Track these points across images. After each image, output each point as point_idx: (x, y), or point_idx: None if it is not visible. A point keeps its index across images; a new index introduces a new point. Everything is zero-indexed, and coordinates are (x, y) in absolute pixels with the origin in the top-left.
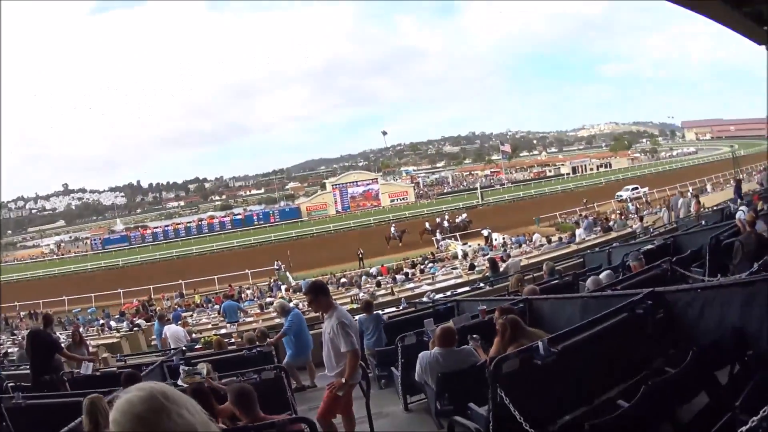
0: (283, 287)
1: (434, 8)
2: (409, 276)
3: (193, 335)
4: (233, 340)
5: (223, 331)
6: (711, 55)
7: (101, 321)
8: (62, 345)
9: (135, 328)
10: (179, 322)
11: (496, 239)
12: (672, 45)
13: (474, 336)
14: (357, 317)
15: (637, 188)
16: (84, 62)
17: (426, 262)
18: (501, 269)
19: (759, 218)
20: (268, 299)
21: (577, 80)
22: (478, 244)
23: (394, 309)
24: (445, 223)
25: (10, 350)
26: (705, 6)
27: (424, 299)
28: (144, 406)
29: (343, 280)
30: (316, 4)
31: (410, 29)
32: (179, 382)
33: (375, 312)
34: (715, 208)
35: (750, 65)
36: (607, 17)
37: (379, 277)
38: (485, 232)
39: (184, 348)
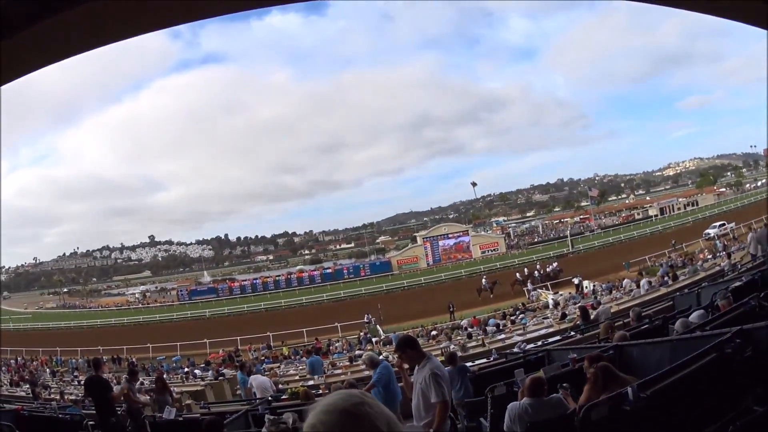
0: (374, 339)
1: (512, 53)
2: (500, 327)
3: (280, 386)
4: (321, 391)
5: (310, 382)
6: None
7: (186, 369)
8: (113, 388)
9: (220, 378)
10: (266, 373)
11: (586, 287)
12: (748, 68)
13: (564, 384)
14: None
15: (724, 224)
16: (174, 115)
17: (517, 312)
18: (592, 317)
19: None
20: (357, 352)
21: (659, 117)
22: (569, 293)
23: (484, 360)
24: (536, 273)
25: None
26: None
27: (515, 350)
28: (346, 403)
29: (434, 332)
30: (397, 57)
31: (491, 76)
32: (264, 431)
33: (460, 364)
34: None
35: None
36: (683, 47)
37: (470, 329)
38: (576, 280)
39: (270, 398)
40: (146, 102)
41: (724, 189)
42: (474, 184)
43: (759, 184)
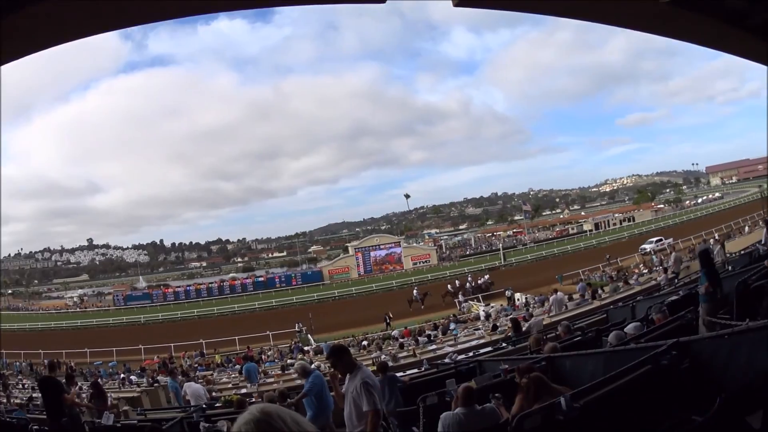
0: (305, 348)
1: (454, 67)
2: (432, 338)
3: (213, 394)
4: (254, 399)
5: (243, 390)
6: (734, 94)
7: (122, 375)
8: (67, 390)
9: (155, 384)
10: (200, 381)
11: (518, 299)
12: (693, 89)
13: (496, 395)
14: None
15: (661, 240)
16: (117, 117)
17: (449, 323)
18: (524, 329)
19: None
20: (289, 361)
21: (598, 134)
22: (501, 305)
23: (415, 370)
24: (468, 285)
25: (35, 395)
26: (700, 31)
27: (446, 360)
28: (259, 414)
29: (364, 342)
30: (339, 67)
31: (431, 89)
32: None
33: (390, 374)
34: (743, 251)
35: None
36: (628, 66)
37: (402, 339)
38: (508, 293)
39: (204, 405)
40: (92, 103)
41: (662, 205)
42: (407, 196)
43: (699, 201)
